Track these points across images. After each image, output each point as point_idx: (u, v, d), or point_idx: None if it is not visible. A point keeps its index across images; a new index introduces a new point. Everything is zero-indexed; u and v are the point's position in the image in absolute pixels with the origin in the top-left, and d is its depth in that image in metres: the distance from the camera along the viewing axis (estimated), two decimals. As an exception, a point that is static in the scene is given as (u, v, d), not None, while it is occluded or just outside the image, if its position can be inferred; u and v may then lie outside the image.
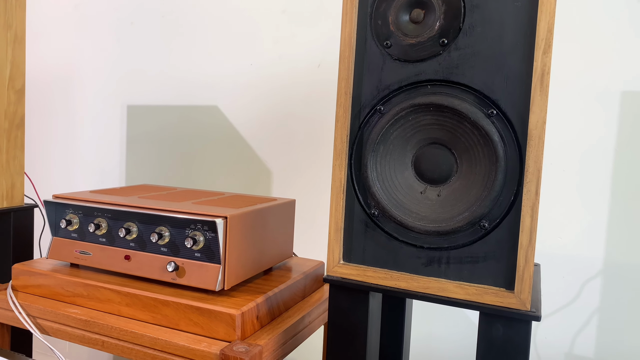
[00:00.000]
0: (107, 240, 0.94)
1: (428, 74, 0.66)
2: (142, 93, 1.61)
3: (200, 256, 0.85)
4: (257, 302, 0.83)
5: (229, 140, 1.48)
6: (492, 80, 0.62)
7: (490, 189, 0.63)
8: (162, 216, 0.88)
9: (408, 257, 0.68)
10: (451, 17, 0.64)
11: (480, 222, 0.64)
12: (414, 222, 0.67)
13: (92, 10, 1.67)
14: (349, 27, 0.69)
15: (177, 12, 1.53)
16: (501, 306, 0.62)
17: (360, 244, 0.71)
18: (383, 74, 0.68)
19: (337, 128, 0.70)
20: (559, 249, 1.14)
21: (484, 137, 0.63)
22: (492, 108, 0.63)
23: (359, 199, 0.70)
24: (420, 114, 0.67)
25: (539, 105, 0.59)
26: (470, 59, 0.63)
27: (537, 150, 0.60)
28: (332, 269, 0.71)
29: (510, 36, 0.61)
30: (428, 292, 0.66)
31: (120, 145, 1.66)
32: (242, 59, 1.45)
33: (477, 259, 0.64)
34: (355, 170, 0.71)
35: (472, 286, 0.64)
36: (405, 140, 0.69)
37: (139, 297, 0.86)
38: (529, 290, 0.61)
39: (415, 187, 0.69)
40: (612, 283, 1.10)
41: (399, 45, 0.67)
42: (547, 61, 0.59)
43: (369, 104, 0.69)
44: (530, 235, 0.60)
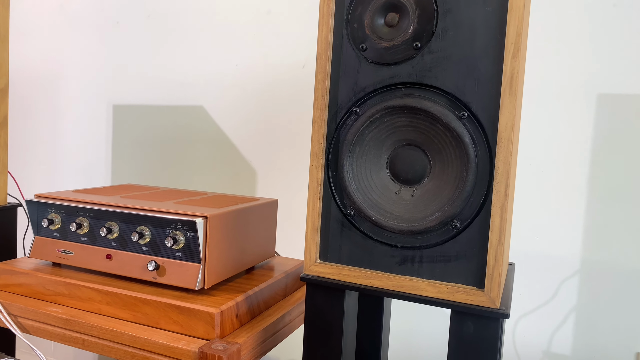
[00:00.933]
0: (89, 240, 0.94)
1: (402, 76, 0.67)
2: (127, 92, 1.61)
3: (181, 255, 0.86)
4: (236, 301, 0.84)
5: (214, 140, 1.49)
6: (463, 83, 0.64)
7: (461, 190, 0.64)
8: (143, 216, 0.89)
9: (383, 256, 0.69)
10: (424, 21, 0.66)
11: (451, 222, 0.65)
12: (388, 222, 0.68)
13: (77, 10, 1.67)
14: (326, 30, 0.70)
15: (163, 13, 1.54)
16: (471, 304, 0.63)
17: (336, 243, 0.72)
18: (359, 77, 0.69)
19: (314, 129, 0.71)
20: (537, 249, 1.16)
21: (456, 138, 0.64)
22: (463, 110, 0.64)
23: (335, 199, 0.72)
24: (395, 115, 0.68)
25: (509, 108, 0.61)
26: (443, 63, 0.65)
27: (507, 151, 0.61)
28: (309, 267, 0.72)
29: (481, 40, 0.63)
30: (401, 290, 0.67)
31: (106, 144, 1.66)
32: (227, 59, 1.46)
33: (449, 257, 0.66)
34: (332, 170, 0.72)
35: (444, 284, 0.65)
36: (380, 142, 0.70)
37: (119, 295, 0.86)
38: (499, 289, 0.62)
39: (390, 188, 0.70)
40: (588, 282, 1.12)
41: (374, 49, 0.69)
42: (516, 65, 0.60)
43: (345, 105, 0.71)
44: (499, 235, 0.62)
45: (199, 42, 1.49)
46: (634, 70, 1.07)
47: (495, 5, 0.62)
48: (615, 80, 1.08)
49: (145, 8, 1.56)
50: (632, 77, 1.07)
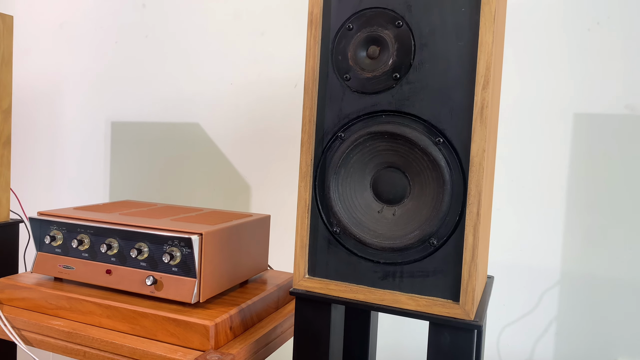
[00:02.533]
0: (90, 255, 0.99)
1: (383, 105, 0.72)
2: (125, 110, 1.66)
3: (177, 270, 0.91)
4: (230, 314, 0.89)
5: (209, 156, 1.54)
6: (439, 111, 0.69)
7: (438, 210, 0.69)
8: (142, 233, 0.93)
9: (366, 271, 0.74)
10: (403, 54, 0.71)
11: (429, 240, 0.70)
12: (371, 239, 0.73)
13: (77, 29, 1.72)
14: (312, 61, 0.75)
15: (160, 33, 1.59)
16: (448, 316, 0.68)
17: (323, 259, 0.77)
18: (343, 104, 0.75)
19: (302, 152, 0.77)
20: (519, 261, 1.21)
21: (433, 162, 0.70)
22: (439, 137, 0.69)
23: (322, 217, 0.77)
24: (377, 140, 0.73)
25: (480, 135, 0.66)
26: (420, 92, 0.70)
27: (478, 175, 0.66)
28: (298, 282, 0.77)
29: (454, 72, 0.68)
30: (383, 303, 0.72)
31: (105, 161, 1.71)
32: (223, 78, 1.51)
33: (427, 273, 0.70)
34: (319, 191, 0.77)
35: (423, 298, 0.70)
36: (364, 164, 0.75)
37: (119, 309, 0.91)
38: (473, 302, 0.67)
39: (373, 207, 0.75)
40: (568, 292, 1.17)
41: (357, 79, 0.74)
42: (486, 96, 0.66)
43: (331, 130, 0.76)
44: (472, 252, 0.67)
45: (196, 61, 1.55)
46: (608, 91, 1.13)
47: (467, 41, 0.67)
48: (590, 101, 1.14)
49: (143, 28, 1.62)
50: (606, 97, 1.13)
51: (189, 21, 1.55)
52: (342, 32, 0.75)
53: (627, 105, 1.11)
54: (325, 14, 0.75)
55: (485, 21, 0.65)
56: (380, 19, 0.72)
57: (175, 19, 1.57)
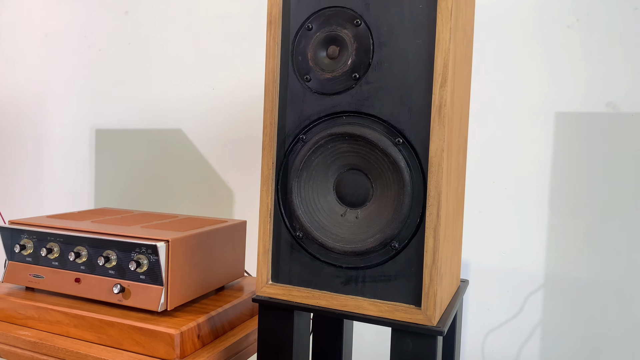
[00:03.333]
0: (60, 264, 0.97)
1: (343, 105, 0.71)
2: (110, 117, 1.65)
3: (145, 278, 0.89)
4: (198, 322, 0.87)
5: (192, 162, 1.53)
6: (398, 111, 0.67)
7: (399, 212, 0.67)
8: (109, 240, 0.92)
9: (329, 277, 0.72)
10: (362, 54, 0.69)
11: (391, 243, 0.68)
12: (333, 244, 0.71)
13: (61, 37, 1.72)
14: (272, 62, 0.74)
15: (143, 40, 1.59)
16: (410, 322, 0.66)
17: (287, 265, 0.75)
18: (304, 106, 0.73)
19: (263, 156, 0.75)
20: (503, 264, 1.18)
21: (393, 163, 0.68)
22: (398, 137, 0.68)
23: (285, 222, 0.75)
24: (338, 142, 0.72)
25: (438, 134, 0.64)
26: (379, 92, 0.68)
27: (437, 176, 0.64)
28: (260, 289, 0.75)
29: (413, 71, 0.67)
30: (345, 309, 0.70)
31: (90, 168, 1.70)
32: (205, 83, 1.50)
33: (389, 277, 0.68)
34: (281, 195, 0.75)
35: (385, 303, 0.68)
36: (326, 167, 0.74)
37: (86, 318, 0.89)
38: (434, 307, 0.65)
39: (336, 210, 0.74)
40: (552, 296, 1.14)
41: (317, 80, 0.73)
42: (444, 94, 0.64)
43: (292, 133, 0.74)
44: (433, 255, 0.65)
45: (178, 67, 1.54)
46: (589, 89, 1.11)
47: (424, 38, 0.66)
48: (571, 99, 1.12)
49: (126, 36, 1.61)
50: (587, 95, 1.11)
51: (171, 27, 1.54)
52: (302, 32, 0.73)
53: (609, 104, 1.09)
54: (285, 14, 0.74)
55: (442, 17, 0.64)
56: (339, 18, 0.71)
57: (158, 26, 1.56)
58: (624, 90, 1.08)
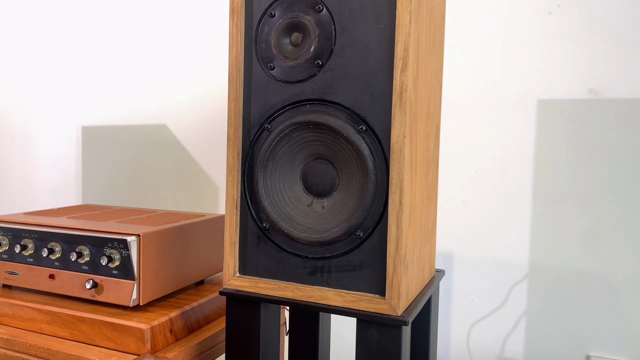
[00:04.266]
0: (34, 261, 0.96)
1: (307, 93, 0.69)
2: (96, 114, 1.64)
3: (117, 273, 0.88)
4: (170, 317, 0.86)
5: (177, 157, 1.52)
6: (361, 98, 0.66)
7: (363, 200, 0.66)
8: (82, 236, 0.91)
9: (295, 268, 0.71)
10: (324, 40, 0.68)
11: (355, 232, 0.67)
12: (299, 234, 0.70)
13: (46, 35, 1.71)
14: (235, 50, 0.72)
15: (126, 35, 1.58)
16: (374, 312, 0.65)
17: (253, 257, 0.74)
18: (268, 95, 0.72)
19: (228, 146, 0.74)
20: (487, 255, 1.17)
21: (357, 151, 0.66)
22: (362, 124, 0.66)
23: (251, 213, 0.74)
24: (303, 131, 0.70)
25: (399, 120, 0.63)
26: (342, 79, 0.67)
27: (399, 162, 0.63)
28: (227, 281, 0.74)
29: (375, 57, 0.65)
30: (311, 300, 0.69)
31: (77, 165, 1.69)
32: (188, 78, 1.49)
33: (354, 267, 0.67)
34: (248, 186, 0.74)
35: (350, 293, 0.67)
36: (292, 156, 0.72)
37: (58, 314, 0.88)
38: (399, 297, 0.64)
39: (303, 200, 0.72)
40: (537, 286, 1.13)
41: (281, 67, 0.71)
42: (405, 79, 0.62)
43: (257, 123, 0.73)
44: (397, 244, 0.63)
45: (161, 62, 1.53)
46: (571, 76, 1.09)
47: (386, 23, 0.64)
48: (553, 86, 1.10)
49: (110, 31, 1.60)
50: (569, 82, 1.09)
51: (154, 21, 1.53)
52: (265, 19, 0.72)
53: (591, 90, 1.07)
54: (248, 1, 0.72)
55: (402, 1, 0.62)
56: (301, 4, 0.69)
57: (141, 22, 1.55)
58: (605, 76, 1.06)
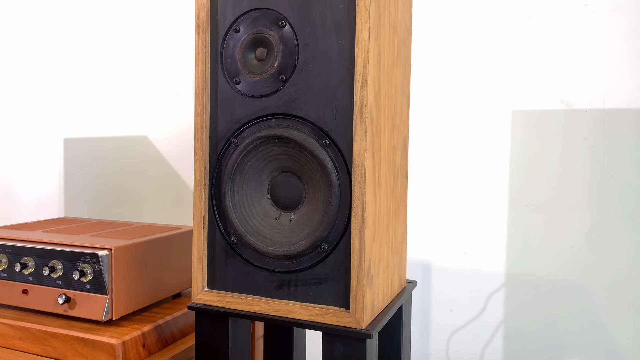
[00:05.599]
0: (8, 275, 0.96)
1: (272, 108, 0.70)
2: (77, 126, 1.64)
3: (90, 288, 0.88)
4: (143, 331, 0.86)
5: (158, 168, 1.52)
6: (324, 112, 0.67)
7: (328, 214, 0.67)
8: (54, 250, 0.91)
9: (262, 281, 0.71)
10: (288, 55, 0.69)
11: (321, 245, 0.67)
12: (266, 248, 0.70)
13: (27, 45, 1.71)
14: (201, 65, 0.73)
15: (108, 46, 1.58)
16: (339, 325, 0.65)
17: (222, 271, 0.74)
18: (234, 109, 0.72)
19: (195, 161, 0.74)
20: (464, 264, 1.17)
21: (321, 165, 0.67)
22: (325, 138, 0.67)
23: (219, 227, 0.74)
24: (269, 145, 0.71)
25: (360, 135, 0.63)
26: (305, 93, 0.68)
27: (361, 176, 0.64)
28: (196, 296, 0.74)
29: (336, 72, 0.66)
30: (277, 314, 0.69)
31: (59, 177, 1.69)
32: (168, 89, 1.49)
33: (320, 280, 0.67)
34: (215, 200, 0.74)
35: (315, 307, 0.67)
36: (259, 170, 0.73)
37: (30, 330, 0.88)
38: (363, 310, 0.64)
39: (270, 214, 0.73)
40: (514, 295, 1.13)
41: (246, 82, 0.72)
42: (365, 94, 0.63)
43: (224, 137, 0.73)
44: (360, 257, 0.64)
45: (141, 74, 1.53)
46: (543, 87, 1.10)
47: (346, 39, 0.65)
48: (526, 97, 1.11)
49: (90, 43, 1.60)
50: (541, 93, 1.10)
51: (134, 34, 1.53)
52: (230, 34, 0.72)
53: (562, 100, 1.09)
54: (213, 17, 0.73)
55: (361, 17, 0.63)
56: (265, 20, 0.70)
57: (120, 33, 1.55)
58: (576, 86, 1.07)
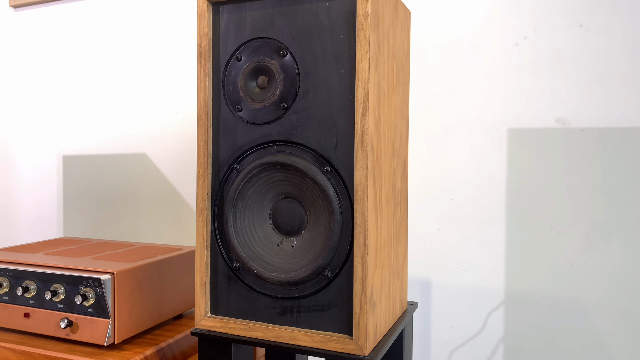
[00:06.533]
0: (9, 299, 0.96)
1: (273, 135, 0.71)
2: (76, 144, 1.65)
3: (92, 312, 0.88)
4: (145, 355, 0.86)
5: (158, 186, 1.52)
6: (325, 140, 0.68)
7: (330, 240, 0.67)
8: (56, 274, 0.91)
9: (265, 308, 0.72)
10: (289, 84, 0.70)
11: (323, 272, 0.68)
12: (269, 274, 0.71)
13: (26, 63, 1.72)
14: (204, 93, 0.74)
15: (105, 64, 1.59)
16: (342, 352, 0.65)
17: (224, 297, 0.74)
18: (236, 136, 0.73)
19: (198, 187, 0.75)
20: (463, 282, 1.18)
21: (323, 191, 0.68)
22: (327, 165, 0.68)
23: (222, 253, 0.75)
24: (271, 171, 0.72)
25: (362, 163, 0.64)
26: (307, 121, 0.69)
27: (363, 204, 0.64)
28: (199, 322, 0.74)
29: (337, 100, 0.67)
30: (281, 341, 0.69)
31: (58, 195, 1.69)
32: (167, 106, 1.50)
33: (322, 307, 0.68)
34: (218, 226, 0.75)
35: (318, 334, 0.67)
36: (261, 196, 0.73)
37: (33, 355, 0.88)
38: (366, 337, 0.64)
39: (273, 239, 0.73)
40: (513, 312, 1.14)
41: (248, 110, 0.73)
42: (366, 123, 0.64)
43: (226, 163, 0.74)
44: (362, 284, 0.64)
45: (140, 91, 1.54)
46: (539, 106, 1.11)
47: (346, 68, 0.66)
48: (522, 116, 1.13)
49: (89, 61, 1.61)
50: (537, 112, 1.12)
51: (133, 51, 1.54)
52: (232, 63, 0.73)
53: (558, 119, 1.10)
54: (215, 45, 0.74)
55: (360, 48, 0.64)
56: (267, 49, 0.71)
57: (119, 51, 1.57)
58: (572, 106, 1.09)
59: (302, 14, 0.68)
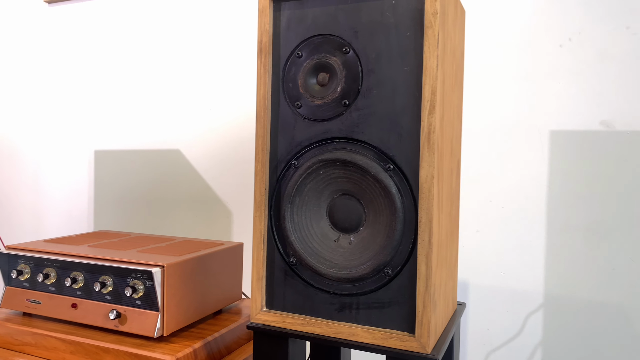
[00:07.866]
0: (57, 289, 0.97)
1: (333, 132, 0.71)
2: (108, 138, 1.67)
3: (141, 304, 0.89)
4: (194, 347, 0.87)
5: (191, 182, 1.53)
6: (387, 137, 0.68)
7: (391, 238, 0.67)
8: (105, 266, 0.92)
9: (323, 303, 0.72)
10: (351, 81, 0.70)
11: (384, 269, 0.68)
12: (327, 270, 0.71)
13: (60, 59, 1.74)
14: (263, 89, 0.74)
15: (140, 61, 1.60)
16: (404, 349, 0.66)
17: (281, 292, 0.75)
18: (295, 132, 0.74)
19: (256, 182, 0.75)
20: (502, 284, 1.18)
21: (384, 189, 0.68)
22: (389, 163, 0.68)
23: (278, 248, 0.75)
24: (330, 168, 0.72)
25: (428, 161, 0.64)
26: (368, 119, 0.69)
27: (428, 202, 0.64)
28: (255, 316, 0.75)
29: (401, 98, 0.67)
30: (340, 337, 0.69)
31: (89, 189, 1.71)
32: (201, 103, 1.51)
33: (383, 304, 0.68)
34: (274, 221, 0.75)
35: (379, 331, 0.67)
36: (319, 192, 0.74)
37: (82, 344, 0.89)
38: (429, 335, 0.64)
39: (329, 236, 0.73)
40: (553, 316, 1.13)
41: (308, 106, 0.73)
42: (433, 121, 0.64)
43: (284, 159, 0.75)
44: (426, 282, 0.64)
45: (175, 87, 1.55)
46: (583, 108, 1.11)
47: (412, 66, 0.66)
48: (566, 118, 1.12)
49: (123, 56, 1.63)
50: (581, 114, 1.11)
51: (167, 48, 1.56)
52: (292, 59, 0.74)
53: (602, 122, 1.09)
54: (275, 42, 0.74)
55: (429, 45, 0.64)
56: (328, 46, 0.71)
57: (154, 47, 1.58)
58: (617, 108, 1.08)
59: (367, 11, 0.69)
